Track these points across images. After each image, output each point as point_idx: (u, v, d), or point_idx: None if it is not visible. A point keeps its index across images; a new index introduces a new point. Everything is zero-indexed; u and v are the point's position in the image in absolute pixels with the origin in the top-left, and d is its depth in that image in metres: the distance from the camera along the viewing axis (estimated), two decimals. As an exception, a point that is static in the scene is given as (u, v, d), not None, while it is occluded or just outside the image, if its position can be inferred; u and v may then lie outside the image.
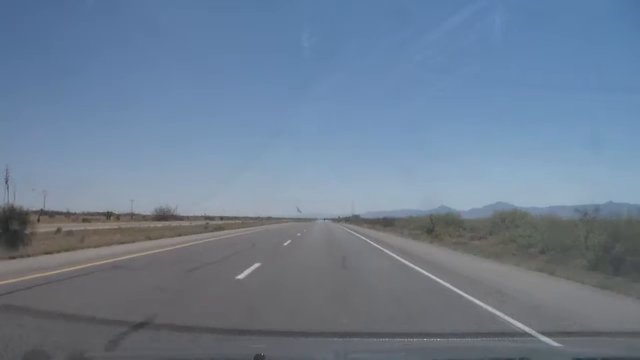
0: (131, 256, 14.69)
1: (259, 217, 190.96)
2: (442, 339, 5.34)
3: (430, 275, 11.43)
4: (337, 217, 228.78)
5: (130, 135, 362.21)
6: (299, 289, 8.95)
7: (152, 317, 5.97)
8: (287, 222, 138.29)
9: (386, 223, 67.08)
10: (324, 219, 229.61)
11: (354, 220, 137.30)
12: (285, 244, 23.86)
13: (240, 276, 10.32)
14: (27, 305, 6.74)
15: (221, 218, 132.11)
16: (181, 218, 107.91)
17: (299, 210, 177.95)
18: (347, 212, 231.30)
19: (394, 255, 18.13)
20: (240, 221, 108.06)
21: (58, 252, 14.97)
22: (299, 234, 36.98)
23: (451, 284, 9.81)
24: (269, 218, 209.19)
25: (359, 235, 39.12)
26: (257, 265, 12.53)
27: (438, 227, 33.02)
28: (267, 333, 5.45)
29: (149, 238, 24.47)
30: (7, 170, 18.95)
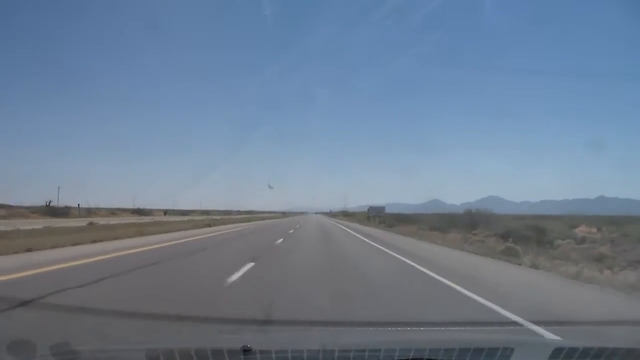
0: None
1: (237, 211, 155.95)
2: (426, 329, 5.40)
3: None
4: (329, 211, 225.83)
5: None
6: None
7: None
8: (264, 218, 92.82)
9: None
10: (315, 213, 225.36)
11: (373, 217, 66.47)
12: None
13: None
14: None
15: (165, 212, 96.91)
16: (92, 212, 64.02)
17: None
18: (338, 205, 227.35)
19: None
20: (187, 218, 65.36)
21: None
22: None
23: None
24: (249, 212, 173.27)
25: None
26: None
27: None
28: (254, 323, 5.46)
29: None
30: None
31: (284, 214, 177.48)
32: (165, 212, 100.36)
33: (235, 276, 9.20)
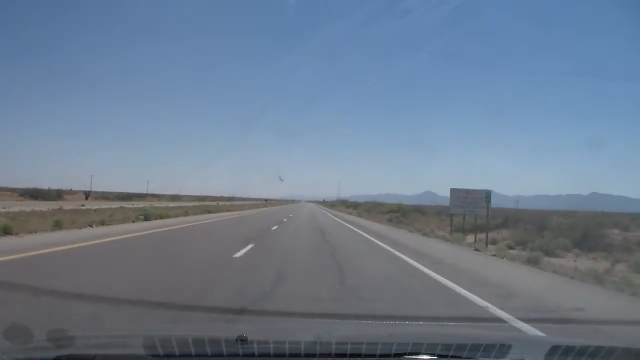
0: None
1: (214, 197, 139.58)
2: (423, 323, 5.42)
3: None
4: (322, 200, 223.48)
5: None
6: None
7: None
8: (243, 207, 68.02)
9: None
10: (308, 202, 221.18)
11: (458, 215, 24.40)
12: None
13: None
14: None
15: (86, 195, 70.30)
16: None
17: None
18: (331, 194, 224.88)
19: None
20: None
21: None
22: None
23: None
24: (230, 198, 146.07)
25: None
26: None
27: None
28: (249, 313, 5.47)
29: None
30: None
31: (266, 201, 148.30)
32: (87, 195, 68.90)
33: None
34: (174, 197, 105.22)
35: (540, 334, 5.20)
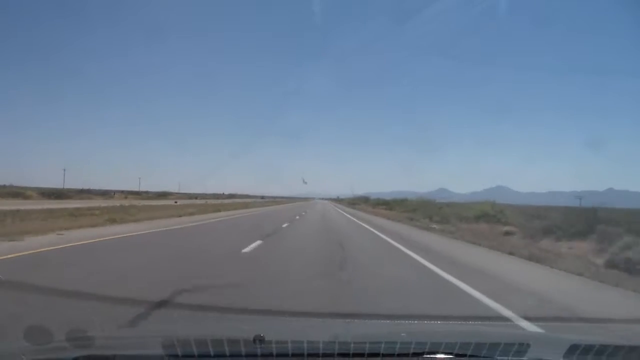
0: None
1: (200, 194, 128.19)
2: (442, 322, 5.38)
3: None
4: (335, 197, 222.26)
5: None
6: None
7: None
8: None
9: None
10: (321, 199, 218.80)
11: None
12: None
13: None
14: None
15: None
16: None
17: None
18: (343, 192, 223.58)
19: None
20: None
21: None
22: None
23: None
24: (231, 195, 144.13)
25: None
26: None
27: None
28: (266, 313, 5.49)
29: None
30: None
31: (263, 199, 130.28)
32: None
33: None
34: (160, 195, 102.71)
35: (556, 333, 5.13)
